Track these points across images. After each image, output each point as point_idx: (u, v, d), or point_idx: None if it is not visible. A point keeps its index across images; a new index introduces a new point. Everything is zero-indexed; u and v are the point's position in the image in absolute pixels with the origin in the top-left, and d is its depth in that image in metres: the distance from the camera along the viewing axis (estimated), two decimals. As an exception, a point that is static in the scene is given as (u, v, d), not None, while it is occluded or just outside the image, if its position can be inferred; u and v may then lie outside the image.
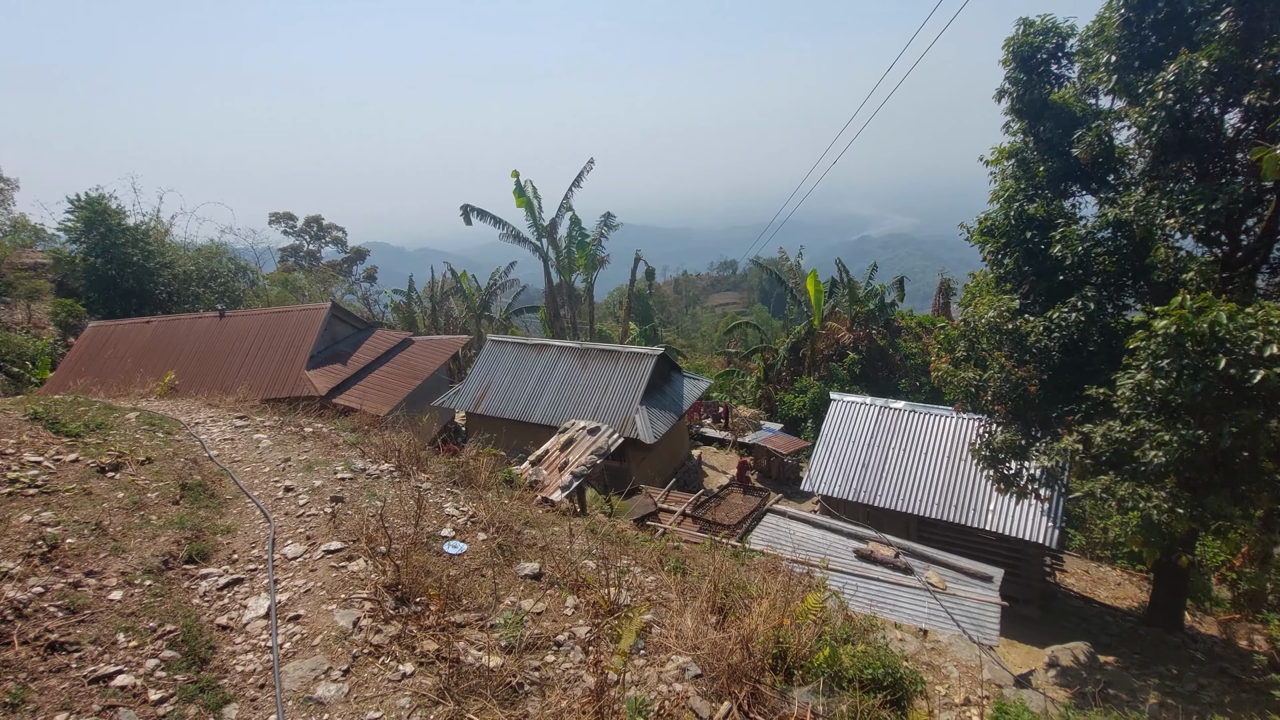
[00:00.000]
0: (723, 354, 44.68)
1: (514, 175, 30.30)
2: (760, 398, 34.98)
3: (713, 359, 48.54)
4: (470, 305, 38.38)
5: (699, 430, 28.57)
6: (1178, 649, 13.42)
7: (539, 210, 31.13)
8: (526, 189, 30.76)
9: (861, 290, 35.44)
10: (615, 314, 59.55)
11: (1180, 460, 8.59)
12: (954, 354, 12.97)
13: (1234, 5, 9.86)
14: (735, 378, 38.24)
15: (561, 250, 32.00)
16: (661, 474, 21.13)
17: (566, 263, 32.26)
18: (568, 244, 31.74)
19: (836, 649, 5.54)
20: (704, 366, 44.48)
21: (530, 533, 6.85)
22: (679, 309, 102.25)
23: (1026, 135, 12.91)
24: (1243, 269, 11.40)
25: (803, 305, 36.13)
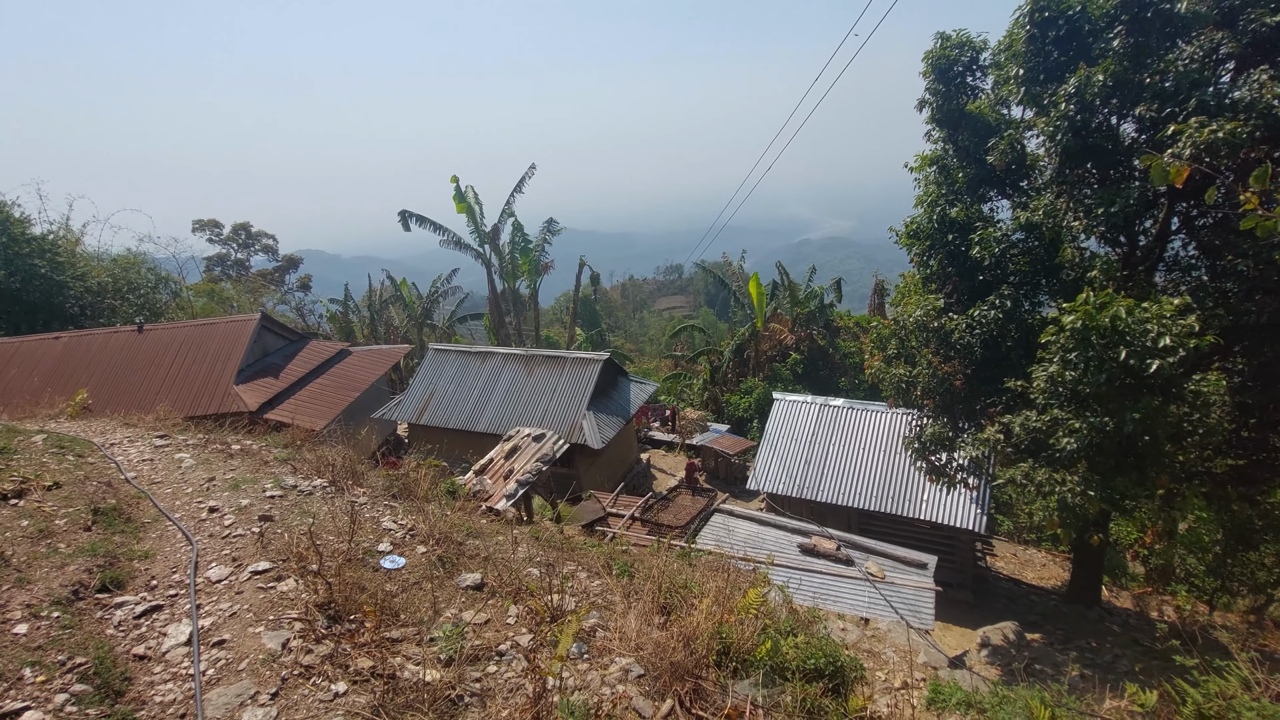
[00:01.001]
0: (670, 357, 45.10)
1: (453, 181, 29.80)
2: (707, 399, 35.47)
3: (660, 362, 48.92)
4: (411, 314, 37.46)
5: (647, 434, 28.74)
6: (1096, 623, 14.35)
7: (480, 216, 30.71)
8: (467, 194, 30.29)
9: (802, 292, 36.48)
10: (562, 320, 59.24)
11: (1090, 446, 9.23)
12: (886, 352, 13.53)
13: (1125, 24, 10.70)
14: (682, 380, 38.66)
15: (504, 256, 31.64)
16: (611, 478, 21.15)
17: (510, 269, 31.92)
18: (511, 250, 31.42)
19: (778, 641, 5.69)
20: (651, 370, 44.76)
21: (473, 543, 6.76)
22: (626, 313, 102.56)
23: (946, 143, 13.60)
24: (1142, 267, 12.34)
25: (746, 308, 36.90)
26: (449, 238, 30.64)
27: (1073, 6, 11.04)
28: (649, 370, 44.03)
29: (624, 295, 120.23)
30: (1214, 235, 11.44)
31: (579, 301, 46.93)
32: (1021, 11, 11.55)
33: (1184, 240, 12.45)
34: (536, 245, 31.12)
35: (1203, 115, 9.57)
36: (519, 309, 34.93)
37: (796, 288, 36.70)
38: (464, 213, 30.21)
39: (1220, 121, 9.26)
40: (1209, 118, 9.49)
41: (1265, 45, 10.29)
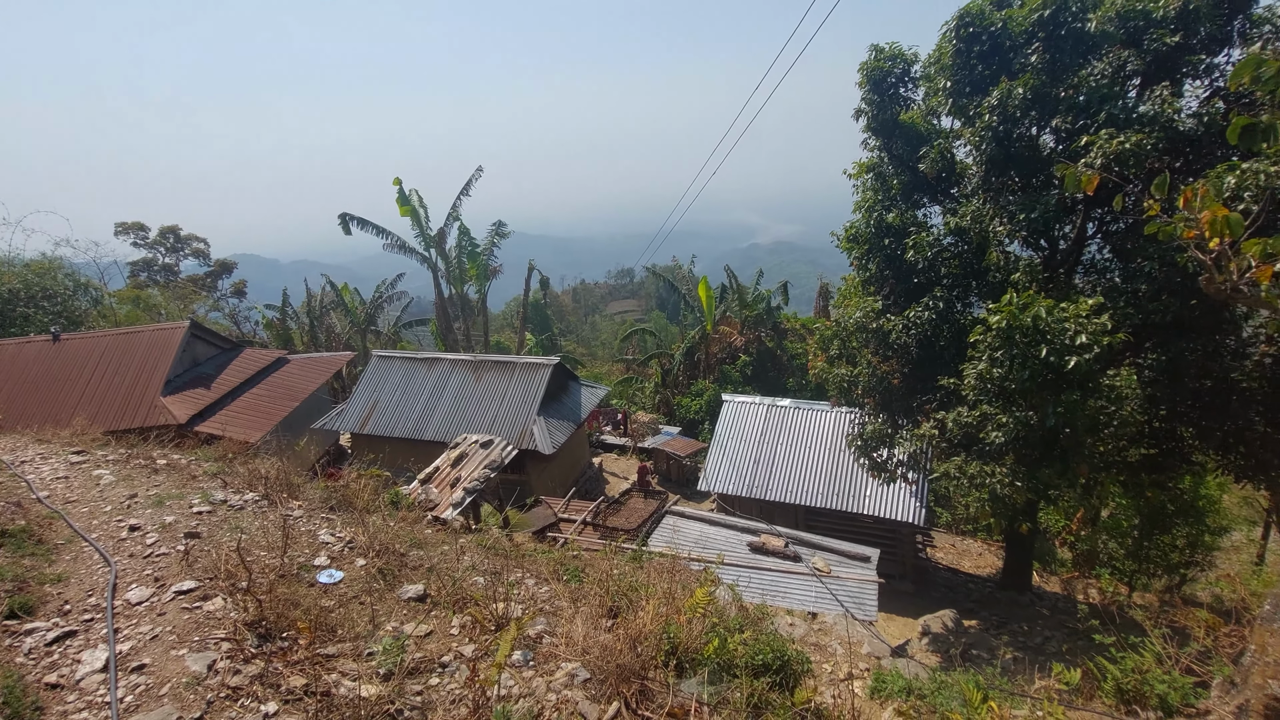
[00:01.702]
0: (621, 361, 45.16)
1: (396, 183, 29.10)
2: (659, 402, 35.67)
3: (612, 366, 48.92)
4: (354, 320, 36.32)
5: (599, 438, 28.69)
6: (1028, 607, 15.11)
7: (426, 219, 30.06)
8: (411, 197, 29.62)
9: (750, 295, 37.14)
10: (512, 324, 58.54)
11: (1016, 439, 9.73)
12: (829, 352, 13.93)
13: (1042, 41, 11.38)
14: (634, 384, 38.76)
15: (451, 260, 31.07)
16: (562, 484, 21.00)
17: (457, 273, 31.36)
18: (458, 254, 30.88)
19: (725, 639, 5.77)
20: (603, 374, 44.71)
21: (416, 554, 6.61)
22: (578, 318, 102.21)
23: (882, 151, 14.13)
24: (1062, 269, 13.10)
25: (696, 311, 37.31)
26: (393, 241, 29.87)
27: (995, 23, 11.66)
28: (600, 374, 43.97)
29: (575, 299, 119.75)
30: (1125, 240, 12.25)
31: (530, 306, 46.47)
32: (948, 27, 12.12)
33: (1099, 244, 13.28)
34: (484, 249, 30.68)
35: (1112, 128, 10.26)
36: (467, 314, 34.33)
37: (745, 291, 37.34)
38: (408, 216, 29.51)
39: (1128, 134, 9.95)
40: (1118, 130, 10.18)
41: (1166, 64, 11.11)
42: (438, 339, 33.82)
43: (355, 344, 36.62)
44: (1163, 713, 6.35)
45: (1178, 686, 6.41)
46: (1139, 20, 10.86)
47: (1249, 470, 11.51)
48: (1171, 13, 10.60)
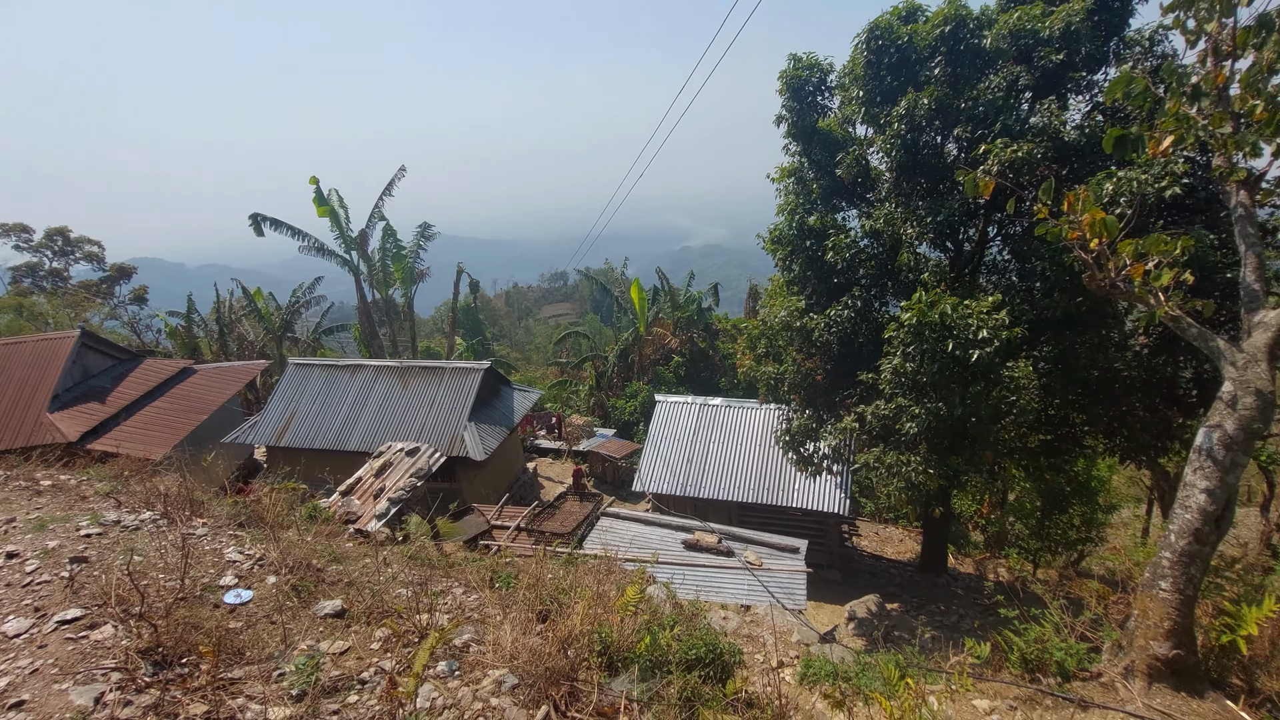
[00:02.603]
0: (555, 364, 44.81)
1: (313, 182, 27.77)
2: (593, 405, 35.61)
3: (546, 370, 48.45)
4: (269, 327, 34.37)
5: (533, 442, 28.34)
6: (944, 588, 16.01)
7: (346, 220, 28.83)
8: (330, 197, 28.34)
9: (682, 297, 37.65)
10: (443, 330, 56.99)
11: (928, 429, 10.30)
12: (756, 351, 14.30)
13: (944, 55, 12.11)
14: (569, 387, 38.52)
15: (374, 263, 29.92)
16: (496, 490, 20.61)
17: (381, 277, 30.22)
18: (381, 256, 29.77)
19: (657, 636, 5.82)
20: (537, 378, 44.21)
21: (335, 569, 6.33)
22: (511, 321, 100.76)
23: (802, 157, 14.63)
24: (967, 269, 13.98)
25: (629, 313, 37.49)
26: (310, 244, 28.47)
27: (902, 37, 12.32)
28: (534, 378, 43.45)
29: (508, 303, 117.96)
30: (1021, 242, 13.20)
31: (460, 310, 45.36)
32: (860, 39, 12.71)
33: (999, 246, 14.25)
34: (410, 251, 29.70)
35: (1007, 137, 11.04)
36: (393, 319, 33.14)
37: (676, 293, 37.83)
38: (326, 216, 28.20)
39: (1021, 143, 10.73)
40: (1012, 140, 10.97)
41: (1053, 79, 12.04)
42: (361, 345, 32.48)
43: (271, 352, 34.66)
44: (1061, 678, 6.85)
45: (1074, 653, 6.95)
46: (1028, 39, 11.73)
47: (1132, 451, 12.63)
48: (1056, 32, 11.51)
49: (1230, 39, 6.19)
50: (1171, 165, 9.77)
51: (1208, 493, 6.12)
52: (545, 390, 36.59)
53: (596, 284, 44.30)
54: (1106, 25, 11.88)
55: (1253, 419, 5.96)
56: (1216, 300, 9.89)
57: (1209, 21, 6.46)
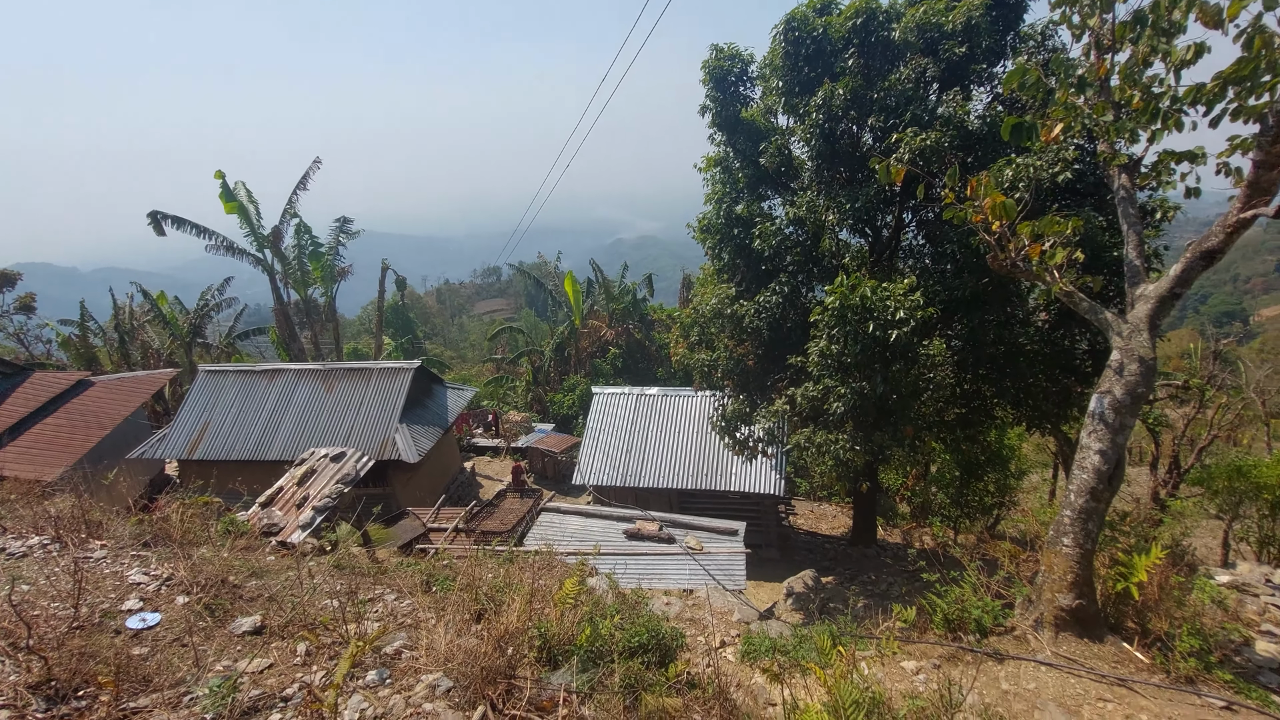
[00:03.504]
0: (491, 361, 43.98)
1: (219, 176, 26.02)
2: (531, 400, 35.20)
3: (482, 367, 47.48)
4: (176, 333, 32.06)
5: (470, 441, 27.75)
6: (874, 559, 16.78)
7: (257, 217, 27.17)
8: (238, 192, 26.63)
9: (616, 288, 37.65)
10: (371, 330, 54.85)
11: (854, 408, 10.73)
12: (689, 339, 14.48)
13: (857, 47, 12.52)
14: (505, 383, 37.91)
15: (290, 262, 28.37)
16: (432, 492, 20.04)
17: (299, 276, 28.70)
18: (298, 254, 28.26)
19: (597, 626, 5.81)
20: (472, 376, 43.26)
21: (254, 584, 6.00)
22: (444, 319, 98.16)
23: (727, 146, 14.84)
24: (886, 253, 14.58)
25: (565, 307, 37.19)
26: (217, 242, 26.66)
27: (817, 29, 12.65)
28: (469, 376, 42.50)
29: (440, 301, 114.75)
30: (934, 226, 13.87)
31: (389, 309, 43.74)
32: (778, 30, 12.96)
33: (915, 231, 14.92)
34: (329, 249, 28.31)
35: (917, 127, 11.55)
36: (315, 320, 31.59)
37: (611, 284, 37.80)
38: (235, 213, 26.47)
39: (929, 132, 11.25)
40: (921, 129, 11.48)
41: (958, 71, 12.67)
42: (280, 349, 30.81)
43: (180, 360, 32.36)
44: (979, 634, 7.31)
45: (990, 610, 7.42)
46: (934, 32, 12.30)
47: (1037, 420, 13.55)
48: (958, 26, 12.11)
49: (1110, 33, 6.68)
50: (1063, 152, 10.49)
51: (1101, 453, 6.64)
52: (481, 388, 35.85)
53: (530, 279, 43.68)
54: (1003, 20, 12.60)
55: (1137, 384, 6.50)
56: (1105, 277, 10.72)
57: (1091, 17, 6.94)
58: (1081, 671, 6.26)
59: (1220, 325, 72.18)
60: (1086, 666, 6.33)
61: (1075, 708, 5.77)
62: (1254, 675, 6.89)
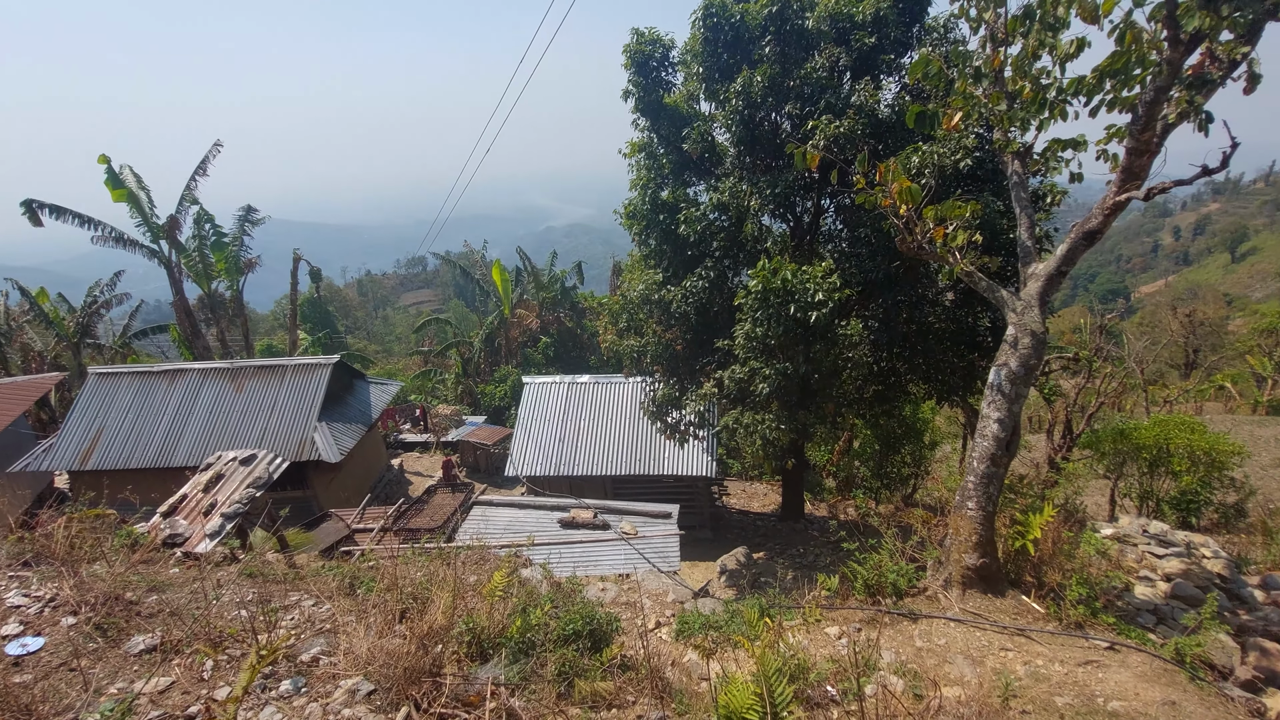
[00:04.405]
0: (418, 354, 42.59)
1: (103, 160, 23.77)
2: (461, 393, 34.36)
3: (409, 360, 45.94)
4: (61, 333, 29.28)
5: (397, 438, 26.85)
6: (802, 533, 17.45)
7: (150, 205, 25.06)
8: (124, 177, 24.44)
9: (545, 277, 37.14)
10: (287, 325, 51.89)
11: (779, 388, 11.06)
12: (618, 326, 14.48)
13: (773, 35, 12.75)
14: (434, 377, 36.83)
15: (191, 253, 26.38)
16: (358, 492, 19.30)
17: (201, 269, 26.74)
18: (199, 245, 26.30)
19: (528, 617, 5.77)
20: (399, 370, 41.80)
21: (154, 599, 5.61)
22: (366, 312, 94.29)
23: (651, 132, 14.81)
24: (807, 237, 15.03)
25: (493, 296, 36.41)
26: (105, 233, 24.42)
27: (735, 15, 12.79)
28: (395, 370, 41.02)
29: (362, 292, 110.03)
30: (851, 211, 14.39)
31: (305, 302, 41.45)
32: (696, 16, 13.02)
33: (833, 216, 15.44)
34: (233, 239, 26.47)
35: (831, 114, 11.91)
36: (221, 316, 29.53)
37: (540, 273, 37.25)
38: (124, 201, 24.29)
39: (843, 120, 11.64)
40: (835, 116, 11.85)
41: (868, 61, 13.13)
42: (183, 347, 28.68)
43: (68, 363, 29.59)
44: (896, 596, 7.73)
45: (904, 574, 7.86)
46: (845, 22, 12.68)
47: (946, 394, 14.40)
48: (868, 17, 12.54)
49: (1003, 27, 7.07)
50: (964, 140, 11.09)
51: (999, 422, 7.12)
52: (408, 382, 34.65)
53: (457, 268, 42.39)
54: (909, 13, 13.13)
55: (1030, 356, 6.99)
56: (1002, 258, 11.46)
57: (987, 10, 7.33)
58: (985, 624, 6.74)
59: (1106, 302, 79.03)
60: (990, 619, 6.82)
61: (980, 658, 6.21)
62: (1133, 617, 7.62)
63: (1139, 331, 42.09)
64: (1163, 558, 8.70)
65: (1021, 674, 5.85)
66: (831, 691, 5.23)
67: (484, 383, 33.21)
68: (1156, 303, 61.20)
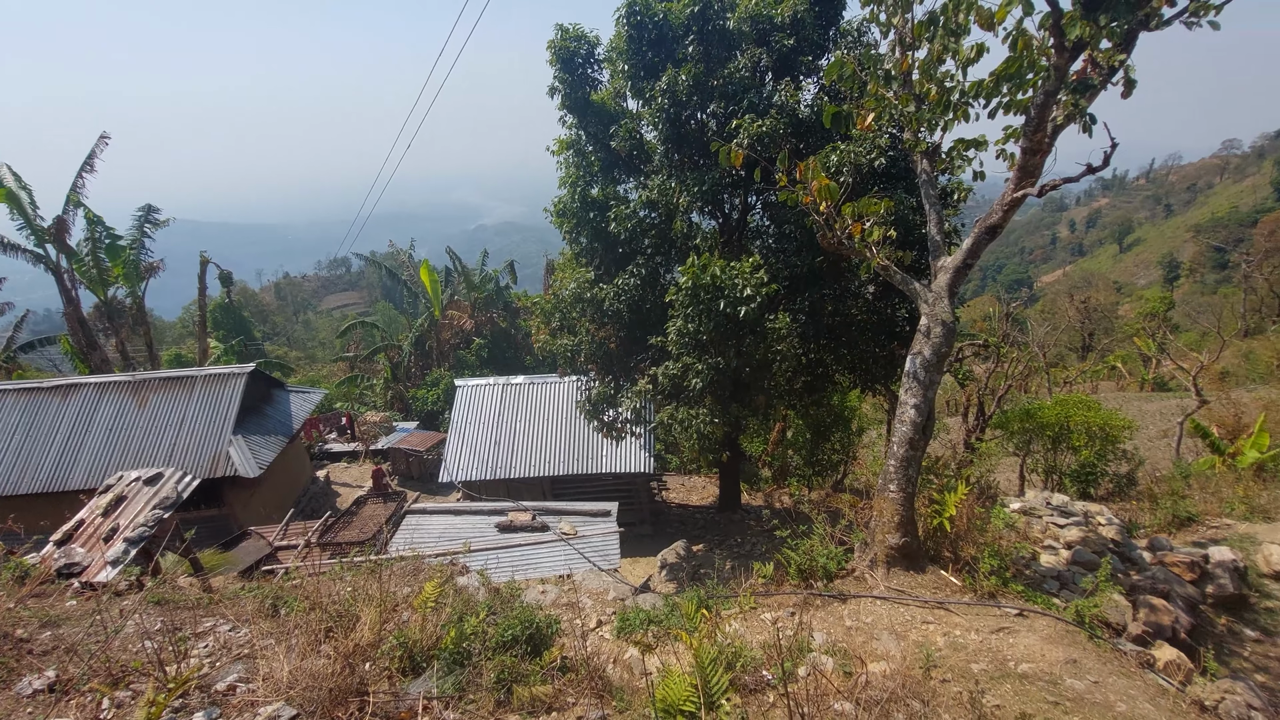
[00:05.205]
0: (344, 359, 40.81)
1: (-27, 158, 21.51)
2: (391, 398, 33.19)
3: (334, 366, 43.97)
4: (-71, 349, 26.37)
5: (323, 448, 25.66)
6: (740, 523, 17.84)
7: (33, 206, 22.90)
8: (2, 176, 22.25)
9: (477, 276, 36.35)
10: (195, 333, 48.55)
11: (712, 382, 11.24)
12: (551, 325, 14.35)
13: (696, 35, 12.92)
14: (361, 382, 35.42)
15: (84, 258, 24.28)
16: (280, 508, 18.33)
17: (95, 274, 24.65)
18: (92, 249, 24.24)
19: (463, 626, 5.64)
20: (323, 377, 39.98)
21: (47, 635, 5.15)
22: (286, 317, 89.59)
23: (579, 129, 14.74)
24: (735, 234, 15.32)
25: (423, 298, 35.32)
26: (-22, 238, 22.15)
27: (658, 14, 12.87)
28: (318, 378, 39.20)
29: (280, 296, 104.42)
30: (777, 208, 14.77)
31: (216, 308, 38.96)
32: (620, 13, 13.02)
33: (761, 212, 15.79)
34: (132, 242, 24.52)
35: (754, 113, 12.18)
36: (121, 325, 27.32)
37: (471, 273, 36.41)
38: (3, 201, 22.09)
39: (765, 119, 11.92)
40: (758, 115, 12.13)
41: (788, 62, 13.49)
42: (77, 360, 26.39)
43: (-63, 381, 26.65)
44: (827, 579, 8.02)
45: (834, 556, 8.16)
46: (765, 24, 12.99)
47: (869, 382, 15.03)
48: (787, 19, 12.89)
49: (910, 32, 7.43)
50: (878, 139, 11.58)
51: (916, 407, 7.49)
52: (333, 389, 33.18)
53: (383, 269, 40.82)
54: (825, 16, 13.58)
55: (941, 344, 7.39)
56: (915, 252, 12.04)
57: (895, 16, 7.68)
58: (908, 600, 7.10)
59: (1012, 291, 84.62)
60: (912, 595, 7.19)
61: (904, 632, 6.54)
62: (1039, 584, 8.21)
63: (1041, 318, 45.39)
64: (1064, 527, 9.41)
65: (941, 645, 6.20)
66: (767, 676, 5.38)
67: (415, 387, 32.20)
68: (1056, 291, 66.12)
